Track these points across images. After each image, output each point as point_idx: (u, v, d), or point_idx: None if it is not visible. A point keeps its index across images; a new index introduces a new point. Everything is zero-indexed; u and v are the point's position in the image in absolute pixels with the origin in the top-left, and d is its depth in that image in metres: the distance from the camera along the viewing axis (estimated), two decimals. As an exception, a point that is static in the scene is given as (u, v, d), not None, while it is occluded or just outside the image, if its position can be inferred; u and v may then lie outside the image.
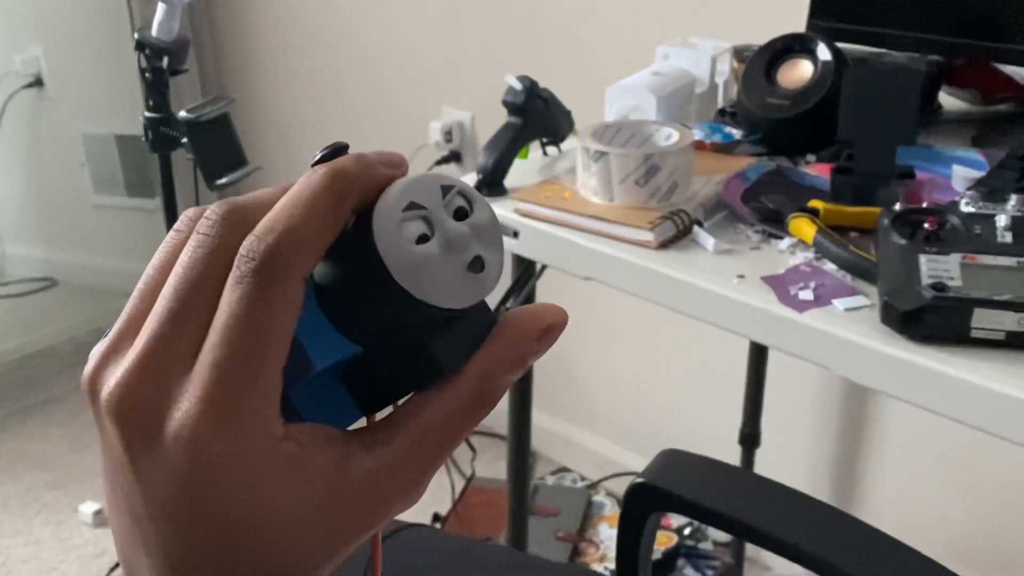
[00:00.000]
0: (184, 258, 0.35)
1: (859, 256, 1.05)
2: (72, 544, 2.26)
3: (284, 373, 0.35)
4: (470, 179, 1.33)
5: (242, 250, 0.34)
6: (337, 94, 2.64)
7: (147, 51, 1.50)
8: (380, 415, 0.39)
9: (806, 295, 1.03)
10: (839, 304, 1.01)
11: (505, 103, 1.36)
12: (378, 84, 2.53)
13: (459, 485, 2.30)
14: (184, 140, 1.53)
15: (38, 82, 3.01)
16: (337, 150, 0.37)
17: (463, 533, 2.13)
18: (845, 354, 0.99)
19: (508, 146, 1.33)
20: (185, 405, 0.34)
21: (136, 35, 1.50)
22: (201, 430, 0.34)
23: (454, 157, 2.40)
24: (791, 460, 2.08)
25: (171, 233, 0.37)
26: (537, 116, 1.37)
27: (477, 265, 0.37)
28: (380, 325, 0.37)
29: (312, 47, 2.65)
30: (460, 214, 0.37)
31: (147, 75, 1.52)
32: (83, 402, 0.37)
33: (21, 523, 2.33)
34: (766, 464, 2.02)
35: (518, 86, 1.35)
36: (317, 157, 0.37)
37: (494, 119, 1.39)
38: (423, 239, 0.36)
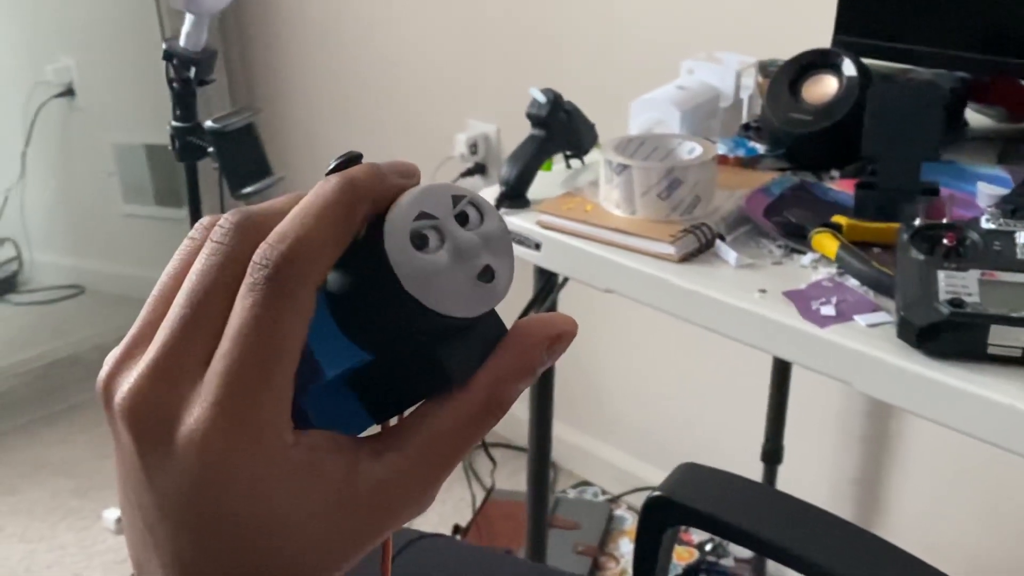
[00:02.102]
0: (198, 266, 0.36)
1: (881, 272, 1.05)
2: (95, 550, 2.28)
3: (295, 380, 0.35)
4: (493, 191, 1.34)
5: (255, 258, 0.35)
6: (363, 106, 2.65)
7: (175, 61, 1.51)
8: (390, 423, 0.40)
9: (828, 310, 1.03)
10: (861, 320, 1.01)
11: (529, 116, 1.37)
12: (404, 96, 2.54)
13: (479, 497, 2.30)
14: (210, 149, 1.54)
15: (69, 92, 3.04)
16: (351, 159, 0.38)
17: (483, 545, 2.13)
18: (864, 369, 0.99)
19: (531, 158, 1.34)
20: (197, 411, 0.34)
21: (164, 45, 1.51)
22: (212, 435, 0.34)
23: (479, 169, 2.41)
24: (813, 476, 2.07)
25: (185, 241, 0.38)
26: (561, 129, 1.37)
27: (487, 274, 0.37)
28: (390, 333, 0.37)
29: (338, 59, 2.66)
30: (471, 224, 0.37)
31: (175, 85, 1.53)
32: (105, 409, 0.37)
33: (45, 528, 2.35)
34: (788, 480, 2.01)
35: (542, 99, 1.36)
36: (331, 166, 0.38)
37: (519, 132, 1.39)
38: (434, 248, 0.36)
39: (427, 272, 0.36)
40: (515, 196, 1.32)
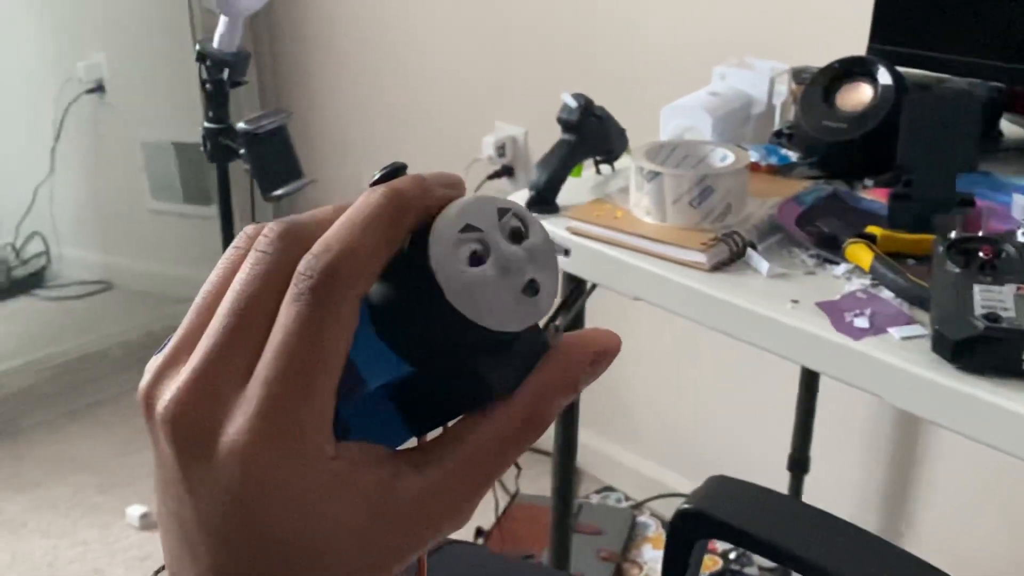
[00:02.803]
0: (242, 275, 0.36)
1: (916, 284, 1.04)
2: (118, 547, 2.28)
3: (336, 391, 0.35)
4: (522, 195, 1.33)
5: (300, 268, 0.34)
6: (392, 108, 2.65)
7: (208, 62, 1.52)
8: (430, 436, 0.39)
9: (861, 322, 1.02)
10: (895, 332, 1.00)
11: (560, 120, 1.36)
12: (432, 99, 2.54)
13: (503, 501, 2.30)
14: (242, 151, 1.54)
15: (100, 88, 3.05)
16: (395, 170, 0.37)
17: (505, 549, 2.12)
18: (897, 383, 0.98)
19: (561, 163, 1.33)
20: (238, 421, 0.34)
21: (197, 46, 1.52)
22: (253, 446, 0.34)
23: (506, 172, 2.40)
24: (839, 487, 2.06)
25: (229, 250, 0.37)
26: (591, 134, 1.37)
27: (531, 288, 0.37)
28: (433, 346, 0.37)
29: (369, 62, 2.66)
30: (515, 237, 0.37)
31: (207, 86, 1.53)
32: (133, 406, 0.37)
33: (68, 524, 2.36)
34: (814, 490, 1.99)
35: (573, 103, 1.35)
36: (375, 177, 0.37)
37: (547, 135, 1.39)
38: (478, 261, 0.36)
39: (472, 285, 0.35)
40: (544, 201, 1.31)
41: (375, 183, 0.37)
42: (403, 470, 0.37)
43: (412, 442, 0.39)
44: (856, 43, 1.43)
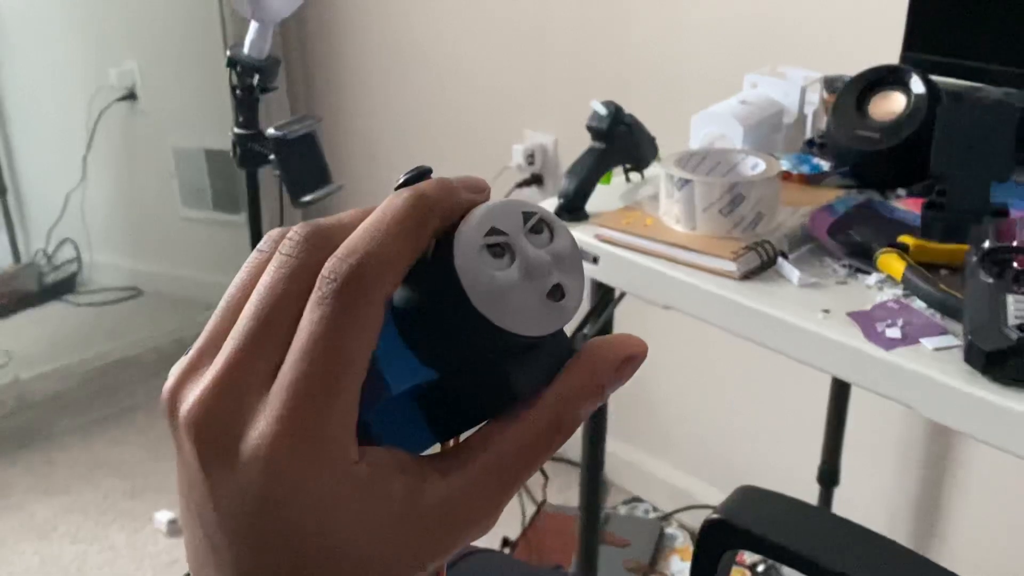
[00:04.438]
0: (266, 278, 0.36)
1: (949, 294, 1.03)
2: (146, 552, 2.29)
3: (360, 395, 0.35)
4: (551, 203, 1.33)
5: (324, 271, 0.34)
6: (421, 115, 2.66)
7: (239, 68, 1.52)
8: (454, 441, 0.39)
9: (893, 332, 1.01)
10: (928, 343, 0.99)
11: (589, 128, 1.36)
12: (462, 106, 2.54)
13: (530, 510, 2.29)
14: (271, 157, 1.54)
15: (132, 95, 3.08)
16: (420, 174, 0.37)
17: (532, 559, 2.12)
18: (929, 394, 0.96)
19: (591, 171, 1.33)
20: (262, 425, 0.34)
21: (228, 52, 1.52)
22: (277, 450, 0.33)
23: (535, 180, 2.40)
24: (870, 500, 2.04)
25: (254, 253, 0.37)
26: (621, 142, 1.36)
27: (557, 293, 0.36)
28: (457, 351, 0.36)
29: (398, 69, 2.67)
30: (541, 241, 0.37)
31: (238, 92, 1.54)
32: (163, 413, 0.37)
33: (98, 529, 2.37)
34: (844, 503, 1.98)
35: (603, 111, 1.35)
36: (400, 180, 0.37)
37: (577, 143, 1.38)
38: (503, 265, 0.35)
39: (497, 289, 0.35)
40: (574, 209, 1.31)
41: (400, 186, 0.37)
42: (427, 475, 0.36)
43: (436, 447, 0.39)
44: (889, 52, 1.42)
